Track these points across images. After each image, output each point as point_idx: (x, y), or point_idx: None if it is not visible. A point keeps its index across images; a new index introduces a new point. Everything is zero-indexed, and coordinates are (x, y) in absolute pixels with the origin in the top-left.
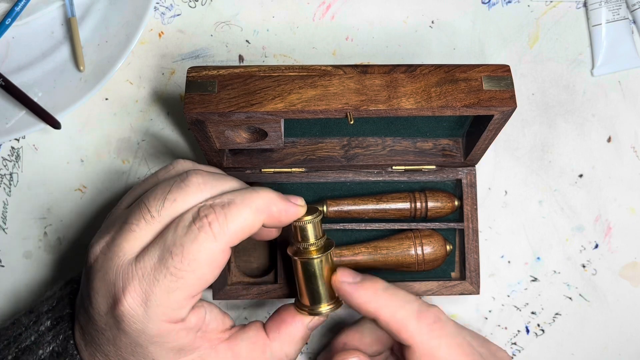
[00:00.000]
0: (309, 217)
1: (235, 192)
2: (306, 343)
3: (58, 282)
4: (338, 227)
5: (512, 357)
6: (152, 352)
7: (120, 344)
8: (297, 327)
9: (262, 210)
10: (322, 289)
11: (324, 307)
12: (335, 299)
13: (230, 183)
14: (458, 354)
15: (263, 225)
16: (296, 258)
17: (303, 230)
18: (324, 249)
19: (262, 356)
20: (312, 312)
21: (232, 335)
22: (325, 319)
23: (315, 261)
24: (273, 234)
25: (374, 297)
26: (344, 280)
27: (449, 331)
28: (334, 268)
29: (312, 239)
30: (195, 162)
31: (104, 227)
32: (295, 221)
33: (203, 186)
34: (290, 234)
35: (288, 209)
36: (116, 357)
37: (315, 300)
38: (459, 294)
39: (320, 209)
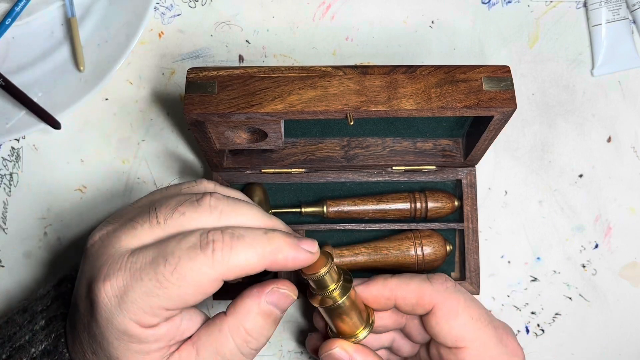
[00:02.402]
0: (323, 270)
1: (250, 230)
2: (276, 325)
3: (50, 280)
4: (338, 228)
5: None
6: (116, 347)
7: (92, 331)
8: (253, 299)
9: (267, 258)
10: (354, 321)
11: (360, 334)
12: (367, 322)
13: (245, 213)
14: (475, 306)
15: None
16: (321, 307)
17: (321, 281)
18: (345, 288)
19: (220, 334)
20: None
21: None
22: (295, 299)
23: (341, 303)
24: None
25: (383, 284)
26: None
27: (458, 288)
28: (357, 298)
29: (331, 286)
30: (219, 184)
31: (110, 218)
32: (309, 274)
33: (214, 209)
34: (306, 281)
35: (297, 257)
36: (89, 347)
37: (348, 335)
38: None
39: (330, 252)
